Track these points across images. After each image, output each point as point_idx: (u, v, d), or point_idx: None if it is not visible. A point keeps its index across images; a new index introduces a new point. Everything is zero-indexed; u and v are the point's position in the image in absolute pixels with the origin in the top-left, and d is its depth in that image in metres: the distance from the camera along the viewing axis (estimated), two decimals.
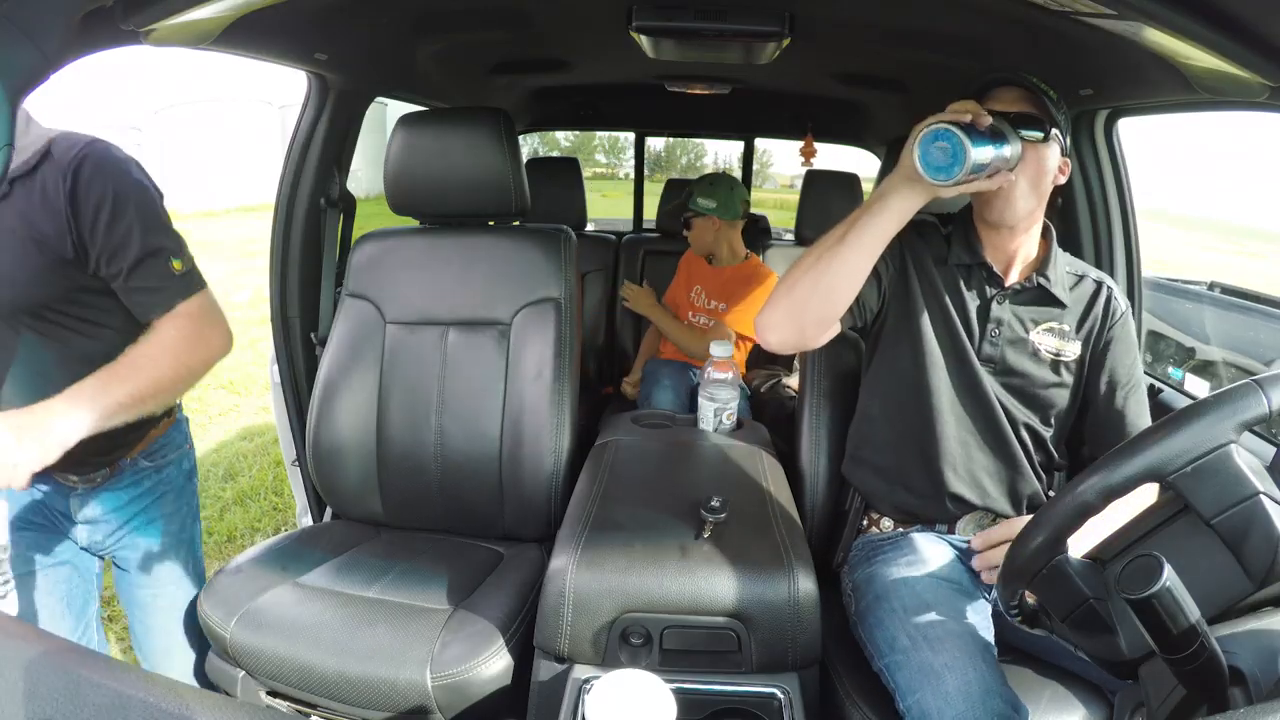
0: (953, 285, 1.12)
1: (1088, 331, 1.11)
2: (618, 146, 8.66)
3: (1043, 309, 1.10)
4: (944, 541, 1.12)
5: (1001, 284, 1.10)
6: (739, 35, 1.33)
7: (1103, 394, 1.11)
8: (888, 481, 1.16)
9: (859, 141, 2.92)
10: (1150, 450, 0.66)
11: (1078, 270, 1.14)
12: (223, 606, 1.09)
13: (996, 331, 1.10)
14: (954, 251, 1.12)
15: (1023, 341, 1.09)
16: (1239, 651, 0.58)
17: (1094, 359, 1.11)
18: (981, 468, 1.11)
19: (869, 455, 1.19)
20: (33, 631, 0.46)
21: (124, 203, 1.00)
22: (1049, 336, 1.10)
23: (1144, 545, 0.67)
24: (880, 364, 1.17)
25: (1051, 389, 1.10)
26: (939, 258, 1.13)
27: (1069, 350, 1.10)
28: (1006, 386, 1.10)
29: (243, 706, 0.47)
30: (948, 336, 1.11)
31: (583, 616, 0.94)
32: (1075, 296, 1.12)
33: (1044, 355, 1.09)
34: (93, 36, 0.80)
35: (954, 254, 1.12)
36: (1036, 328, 1.10)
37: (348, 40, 1.41)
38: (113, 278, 1.02)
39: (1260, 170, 18.80)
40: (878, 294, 1.12)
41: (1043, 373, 1.10)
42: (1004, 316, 1.10)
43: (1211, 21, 0.76)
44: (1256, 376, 0.67)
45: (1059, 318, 1.10)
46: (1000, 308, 1.10)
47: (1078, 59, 1.15)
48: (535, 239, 1.42)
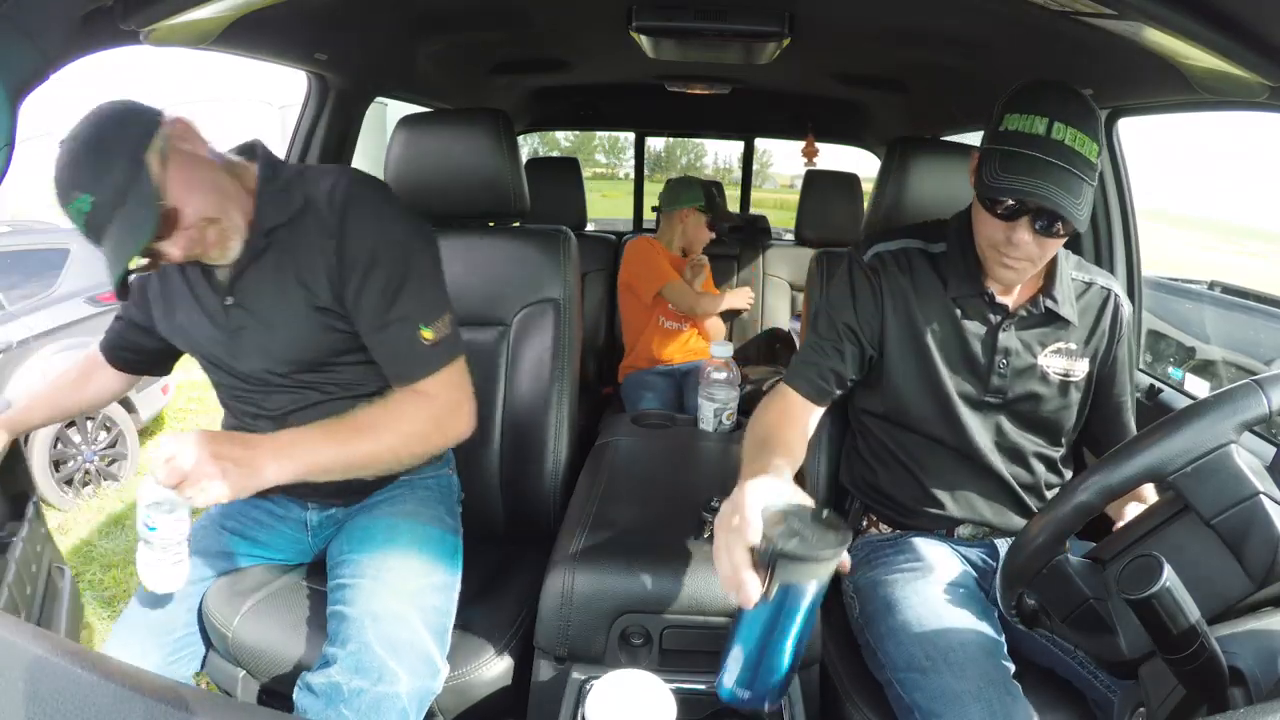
0: (951, 319, 1.05)
1: (1095, 347, 1.07)
2: (618, 146, 8.65)
3: (1050, 329, 1.05)
4: (945, 544, 1.11)
5: (1006, 310, 1.04)
6: (739, 35, 1.33)
7: (1111, 403, 1.10)
8: (883, 498, 1.15)
9: (859, 141, 2.92)
10: (1150, 450, 0.65)
11: (1084, 276, 1.08)
12: (225, 605, 1.09)
13: (1005, 363, 1.04)
14: (952, 284, 1.05)
15: (1031, 367, 1.05)
16: (1239, 651, 0.58)
17: (1102, 374, 1.08)
18: (980, 496, 1.09)
19: (864, 472, 1.18)
20: (33, 631, 0.46)
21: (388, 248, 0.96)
22: (1057, 358, 1.05)
23: (1144, 545, 0.67)
24: (877, 396, 1.11)
25: (1060, 412, 1.07)
26: (931, 290, 1.06)
27: (1077, 369, 1.06)
28: (1015, 415, 1.07)
29: (243, 707, 0.47)
30: (951, 376, 1.05)
31: (583, 617, 0.94)
32: (1082, 308, 1.06)
33: (1053, 378, 1.05)
34: (93, 36, 0.80)
35: (952, 286, 1.04)
36: (1044, 350, 1.05)
37: (348, 40, 1.41)
38: (365, 331, 0.98)
39: (1260, 170, 18.80)
40: (859, 362, 1.06)
41: (1052, 396, 1.06)
42: (1012, 345, 1.04)
43: (1211, 21, 0.76)
44: (1257, 376, 0.67)
45: (1066, 337, 1.05)
46: (1007, 335, 1.04)
47: (1078, 59, 1.15)
48: (535, 240, 1.42)
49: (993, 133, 0.95)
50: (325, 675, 0.90)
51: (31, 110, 0.71)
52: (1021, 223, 0.93)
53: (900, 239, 1.10)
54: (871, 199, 1.48)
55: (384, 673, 0.90)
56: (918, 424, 1.08)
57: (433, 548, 1.08)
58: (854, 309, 1.06)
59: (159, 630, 1.06)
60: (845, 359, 1.06)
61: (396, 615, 0.95)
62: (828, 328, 1.07)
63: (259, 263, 0.98)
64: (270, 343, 1.00)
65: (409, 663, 0.92)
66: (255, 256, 0.98)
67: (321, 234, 0.97)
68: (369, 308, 0.97)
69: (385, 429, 0.95)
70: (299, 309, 0.98)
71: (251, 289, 0.99)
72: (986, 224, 0.97)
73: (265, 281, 0.99)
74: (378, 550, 1.04)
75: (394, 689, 0.90)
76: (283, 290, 0.98)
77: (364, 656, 0.91)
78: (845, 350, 1.06)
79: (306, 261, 0.97)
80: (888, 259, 1.08)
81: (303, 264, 0.97)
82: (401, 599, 0.98)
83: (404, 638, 0.94)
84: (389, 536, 1.07)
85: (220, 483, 0.82)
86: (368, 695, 0.88)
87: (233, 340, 1.01)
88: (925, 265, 1.07)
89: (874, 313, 1.06)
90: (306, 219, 0.98)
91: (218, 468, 0.83)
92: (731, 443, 1.37)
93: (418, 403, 0.98)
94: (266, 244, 0.98)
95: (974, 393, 1.06)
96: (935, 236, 1.09)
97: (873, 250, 1.09)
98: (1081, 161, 0.89)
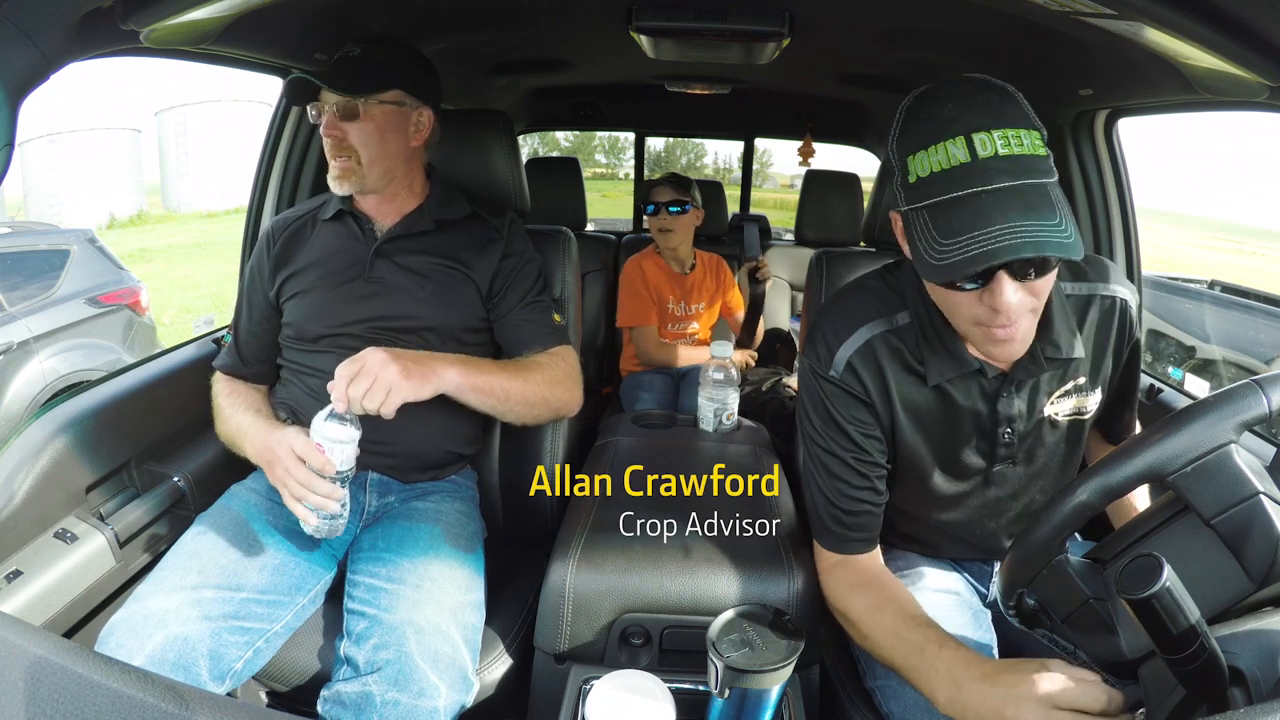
0: (945, 403, 0.90)
1: (1104, 374, 0.94)
2: (618, 146, 8.67)
3: (1054, 375, 0.90)
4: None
5: (1004, 375, 0.88)
6: (739, 35, 1.33)
7: (1122, 412, 1.02)
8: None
9: (859, 141, 2.92)
10: (1150, 450, 0.65)
11: (1083, 290, 0.91)
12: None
13: (1009, 432, 0.91)
14: (932, 369, 0.88)
15: (1039, 421, 0.92)
16: (1239, 651, 0.58)
17: (1115, 394, 0.97)
18: (991, 539, 1.03)
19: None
20: (33, 631, 0.46)
21: (535, 261, 1.28)
22: (1065, 401, 0.92)
23: (1144, 545, 0.67)
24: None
25: (1074, 454, 0.97)
26: (910, 381, 0.90)
27: (1089, 404, 0.93)
28: (1028, 471, 0.96)
29: (243, 706, 0.47)
30: (954, 463, 0.94)
31: (583, 617, 0.94)
32: (1087, 332, 0.91)
33: (1061, 423, 0.93)
34: (93, 37, 0.80)
35: (933, 371, 0.88)
36: (1051, 398, 0.91)
37: (347, 40, 1.41)
38: (508, 308, 1.23)
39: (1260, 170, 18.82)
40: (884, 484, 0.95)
41: (1062, 442, 0.95)
42: (1014, 412, 0.90)
43: (1211, 21, 0.75)
44: (1256, 376, 0.67)
45: (1074, 373, 0.91)
46: (1007, 403, 0.89)
47: (1078, 59, 1.15)
48: (535, 240, 1.41)
49: (904, 190, 0.76)
50: (361, 685, 0.90)
51: (32, 110, 0.71)
52: (998, 282, 0.73)
53: (857, 328, 0.91)
54: (871, 199, 1.48)
55: (425, 686, 0.90)
56: (916, 507, 1.01)
57: (473, 563, 1.10)
58: (852, 439, 0.91)
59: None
60: (875, 488, 0.93)
61: (439, 629, 0.95)
62: (837, 468, 0.92)
63: (422, 238, 1.21)
64: (415, 293, 1.18)
65: (450, 678, 0.92)
66: (421, 232, 1.21)
67: (488, 238, 1.24)
68: (520, 291, 1.23)
69: (531, 374, 1.15)
70: (454, 277, 1.20)
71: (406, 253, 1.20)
72: (956, 302, 0.78)
73: (424, 252, 1.20)
74: (420, 557, 1.05)
75: (433, 703, 0.90)
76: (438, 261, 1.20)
77: (405, 668, 0.90)
78: (871, 480, 0.93)
79: (471, 251, 1.22)
80: (856, 362, 0.90)
81: (467, 252, 1.22)
82: (444, 613, 0.98)
83: (446, 652, 0.94)
84: (432, 545, 1.08)
85: (403, 381, 0.95)
86: (402, 707, 0.88)
87: (373, 289, 1.17)
88: (895, 349, 0.90)
89: (870, 430, 0.91)
90: (472, 224, 1.25)
91: (397, 368, 0.95)
92: (731, 442, 1.37)
93: (550, 361, 1.20)
94: (435, 228, 1.22)
95: (980, 466, 0.94)
96: (891, 307, 0.91)
97: (840, 355, 0.91)
98: (1031, 164, 0.70)
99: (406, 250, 1.20)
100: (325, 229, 1.23)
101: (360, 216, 1.22)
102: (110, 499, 1.18)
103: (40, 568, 1.03)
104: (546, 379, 1.16)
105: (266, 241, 1.24)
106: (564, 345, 1.24)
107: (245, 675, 0.96)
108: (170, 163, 14.36)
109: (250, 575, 1.00)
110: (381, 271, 1.19)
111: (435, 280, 1.19)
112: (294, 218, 1.26)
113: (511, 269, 1.24)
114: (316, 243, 1.22)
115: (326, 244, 1.22)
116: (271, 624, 0.99)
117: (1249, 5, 0.72)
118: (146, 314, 3.94)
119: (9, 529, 1.02)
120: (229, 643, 0.93)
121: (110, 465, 1.18)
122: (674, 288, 2.20)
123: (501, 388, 1.10)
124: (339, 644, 0.98)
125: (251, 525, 1.06)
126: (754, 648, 0.73)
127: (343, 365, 0.95)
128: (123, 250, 5.72)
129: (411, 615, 0.95)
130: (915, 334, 0.89)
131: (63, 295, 3.42)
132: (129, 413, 1.23)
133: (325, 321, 1.17)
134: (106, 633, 0.90)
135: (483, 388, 1.08)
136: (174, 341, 1.53)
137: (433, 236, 1.22)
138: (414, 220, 1.22)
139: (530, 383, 1.14)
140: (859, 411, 0.91)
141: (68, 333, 3.35)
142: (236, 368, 1.25)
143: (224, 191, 12.70)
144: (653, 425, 1.44)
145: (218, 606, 0.94)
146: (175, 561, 0.99)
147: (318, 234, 1.23)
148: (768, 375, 2.15)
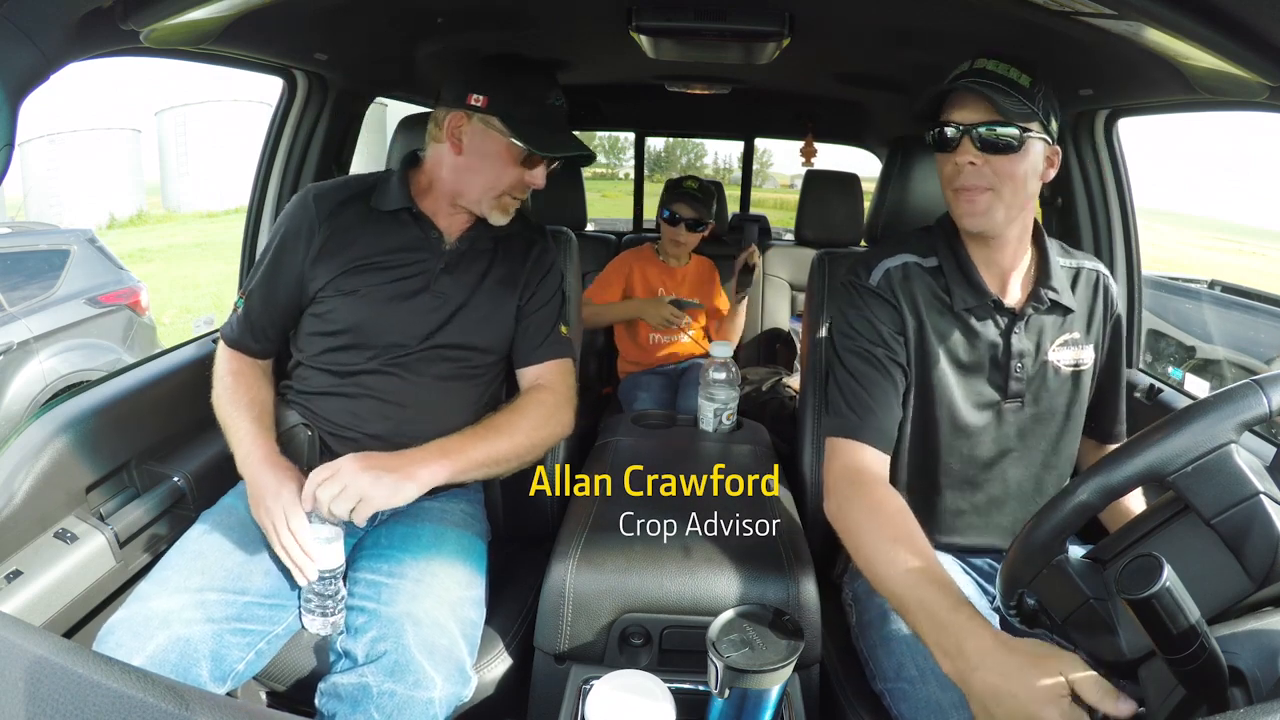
0: (964, 329, 1.04)
1: (1096, 333, 1.08)
2: (618, 146, 8.66)
3: (1054, 321, 1.05)
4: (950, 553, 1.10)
5: (1014, 312, 1.03)
6: (739, 35, 1.33)
7: (1106, 385, 1.11)
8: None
9: (859, 141, 2.92)
10: (1150, 450, 0.65)
11: (1071, 263, 1.09)
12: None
13: (1020, 366, 1.03)
14: (957, 297, 1.03)
15: (1044, 365, 1.05)
16: (1239, 651, 0.58)
17: (1106, 363, 1.09)
18: (994, 509, 1.08)
19: None
20: (33, 631, 0.46)
21: (559, 274, 1.29)
22: (1065, 350, 1.05)
23: (1144, 545, 0.67)
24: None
25: (1073, 408, 1.07)
26: (938, 303, 1.05)
27: (1085, 358, 1.06)
28: (1034, 413, 1.05)
29: (243, 707, 0.47)
30: (972, 386, 1.04)
31: (583, 617, 0.94)
32: (1079, 296, 1.07)
33: (1064, 371, 1.05)
34: (92, 37, 0.80)
35: (958, 299, 1.03)
36: (1052, 345, 1.05)
37: (348, 40, 1.41)
38: (525, 315, 1.22)
39: (1260, 170, 18.82)
40: (903, 391, 1.04)
41: (1064, 392, 1.06)
42: (1025, 347, 1.03)
43: (1211, 21, 0.76)
44: (1257, 376, 0.67)
45: (1070, 326, 1.06)
46: (1019, 338, 1.03)
47: (1078, 59, 1.15)
48: None
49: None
50: (358, 676, 0.90)
51: (32, 110, 0.71)
52: (963, 146, 0.96)
53: (897, 253, 1.07)
54: (873, 199, 1.48)
55: (421, 677, 0.90)
56: (931, 440, 1.06)
57: (475, 561, 1.11)
58: (881, 336, 1.03)
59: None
60: (896, 392, 1.02)
61: (437, 622, 0.96)
62: (862, 363, 1.03)
63: (482, 255, 1.20)
64: (471, 313, 1.17)
65: (445, 670, 0.93)
66: (479, 249, 1.20)
67: (535, 249, 1.25)
68: (540, 300, 1.24)
69: (514, 427, 1.12)
70: (503, 297, 1.21)
71: (468, 270, 1.18)
72: (941, 164, 1.01)
73: (482, 271, 1.19)
74: (422, 554, 1.05)
75: (429, 694, 0.90)
76: (494, 281, 1.20)
77: (401, 659, 0.90)
78: (894, 381, 1.02)
79: (519, 264, 1.22)
80: (894, 275, 1.05)
81: (517, 265, 1.22)
82: (443, 606, 0.99)
83: (443, 644, 0.94)
84: (435, 543, 1.08)
85: (372, 491, 0.94)
86: (398, 698, 0.88)
87: (437, 304, 1.15)
88: (926, 279, 1.06)
89: (899, 333, 1.04)
90: (519, 236, 1.24)
91: (369, 476, 0.94)
92: (731, 442, 1.37)
93: (535, 398, 1.18)
94: (492, 245, 1.21)
95: (994, 398, 1.04)
96: (925, 250, 1.07)
97: (879, 269, 1.06)
98: (1008, 82, 0.93)
99: (468, 267, 1.18)
100: (382, 221, 1.15)
101: (425, 221, 1.16)
102: (110, 499, 1.19)
103: (40, 568, 1.03)
104: (531, 424, 1.13)
105: (311, 208, 1.14)
106: (564, 359, 1.23)
107: (246, 676, 0.96)
108: (170, 163, 14.36)
109: (255, 578, 1.00)
110: (445, 286, 1.15)
111: (489, 300, 1.18)
112: (344, 194, 1.17)
113: (542, 279, 1.24)
114: (370, 234, 1.14)
115: (383, 241, 1.14)
116: (274, 626, 0.99)
117: (1249, 5, 0.72)
118: (146, 314, 3.95)
119: (9, 529, 1.02)
120: (231, 644, 0.93)
121: (110, 465, 1.18)
122: (665, 279, 2.26)
123: (488, 458, 1.07)
124: (338, 639, 0.98)
125: (256, 527, 1.05)
126: (754, 648, 0.73)
127: (316, 470, 0.96)
128: (123, 250, 5.71)
129: (410, 608, 0.96)
130: (943, 273, 1.05)
131: (63, 295, 3.43)
132: (129, 413, 1.23)
133: (389, 334, 1.12)
134: (106, 632, 0.90)
135: (470, 469, 1.06)
136: (174, 342, 1.53)
137: (489, 253, 1.21)
138: (477, 234, 1.19)
139: (517, 435, 1.11)
140: (890, 313, 1.04)
141: (68, 333, 3.35)
142: (245, 343, 1.18)
143: (224, 191, 12.69)
144: (653, 425, 1.44)
145: (221, 609, 0.94)
146: (179, 561, 0.99)
147: (373, 224, 1.15)
148: (768, 375, 2.15)
